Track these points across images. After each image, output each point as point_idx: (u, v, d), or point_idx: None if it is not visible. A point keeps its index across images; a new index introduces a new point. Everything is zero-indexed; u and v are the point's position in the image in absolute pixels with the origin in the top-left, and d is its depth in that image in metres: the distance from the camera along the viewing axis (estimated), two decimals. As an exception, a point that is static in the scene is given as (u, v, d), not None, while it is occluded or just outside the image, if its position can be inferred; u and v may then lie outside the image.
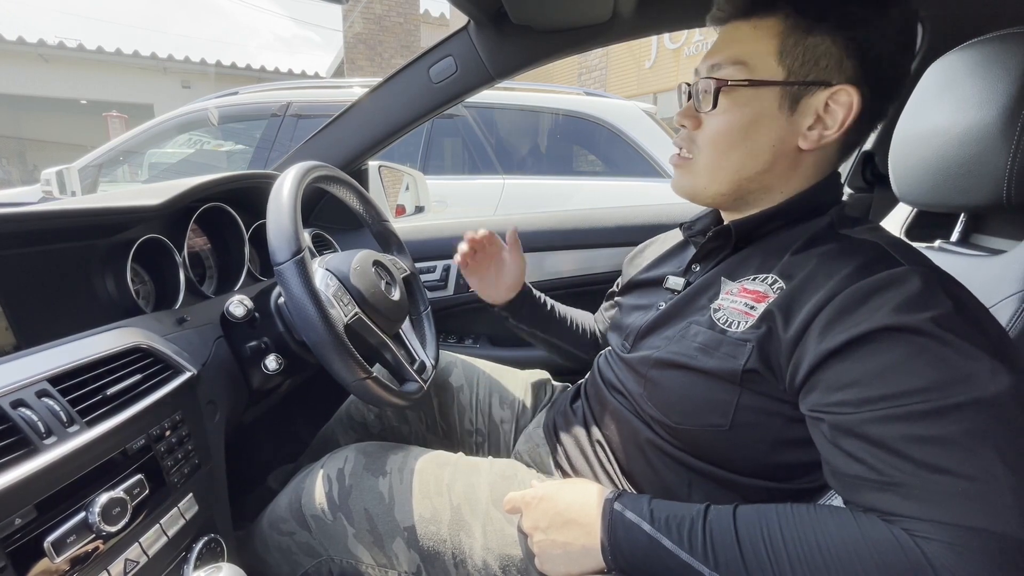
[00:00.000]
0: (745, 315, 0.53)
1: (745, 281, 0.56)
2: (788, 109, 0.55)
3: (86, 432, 0.47)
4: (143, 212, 0.70)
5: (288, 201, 0.65)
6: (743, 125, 0.56)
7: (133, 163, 2.93)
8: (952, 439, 0.39)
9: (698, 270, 0.65)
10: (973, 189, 0.62)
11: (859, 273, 0.47)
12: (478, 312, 1.26)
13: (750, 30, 0.55)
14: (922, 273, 0.46)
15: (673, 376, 0.58)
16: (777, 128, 0.55)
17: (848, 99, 0.52)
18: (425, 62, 0.98)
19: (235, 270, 0.90)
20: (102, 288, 0.67)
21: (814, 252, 0.53)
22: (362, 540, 0.64)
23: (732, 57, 0.56)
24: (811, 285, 0.50)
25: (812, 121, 0.54)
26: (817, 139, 0.55)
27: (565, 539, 0.53)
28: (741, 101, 0.56)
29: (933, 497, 0.39)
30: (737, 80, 0.55)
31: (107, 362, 0.53)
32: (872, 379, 0.43)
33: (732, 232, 0.60)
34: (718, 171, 0.59)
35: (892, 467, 0.41)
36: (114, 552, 0.47)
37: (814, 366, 0.46)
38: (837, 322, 0.45)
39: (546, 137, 2.69)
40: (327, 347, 0.61)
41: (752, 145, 0.56)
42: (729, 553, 0.45)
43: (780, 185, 0.59)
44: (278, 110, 2.48)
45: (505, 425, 0.89)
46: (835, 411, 0.45)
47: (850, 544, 0.41)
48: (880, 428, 0.42)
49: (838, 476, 0.45)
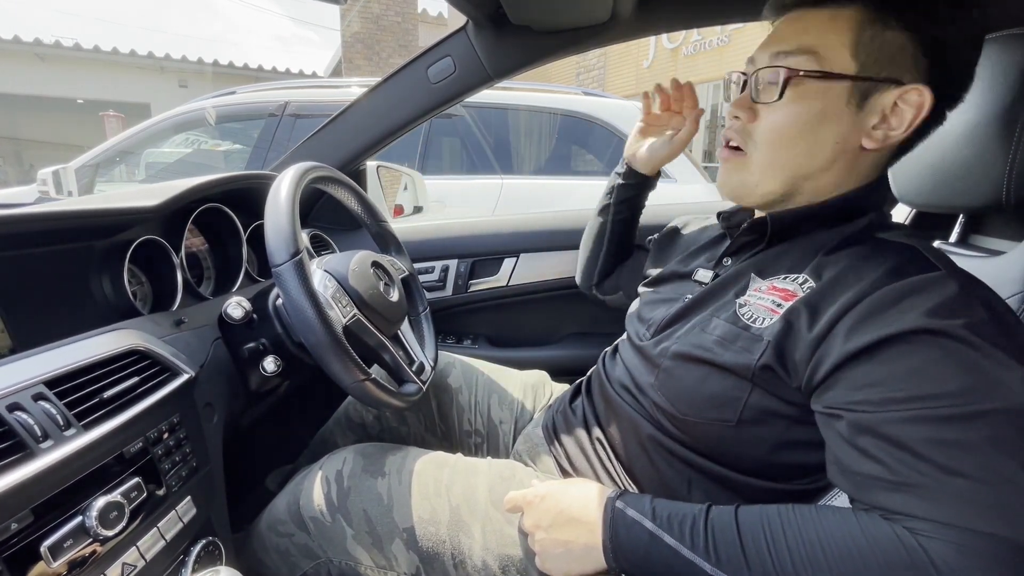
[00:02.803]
0: (771, 312, 0.52)
1: (775, 280, 0.55)
2: (856, 105, 0.52)
3: (83, 435, 0.46)
4: (140, 213, 0.69)
5: (286, 202, 0.64)
6: (809, 119, 0.53)
7: (130, 163, 2.92)
8: (975, 445, 0.39)
9: (729, 264, 0.64)
10: (972, 190, 0.62)
11: (892, 275, 0.47)
12: (477, 312, 1.26)
13: (826, 19, 0.52)
14: (958, 279, 0.45)
15: (688, 369, 0.57)
16: (843, 125, 0.53)
17: (919, 99, 0.51)
18: (423, 62, 0.98)
19: (233, 271, 0.89)
20: (99, 290, 0.66)
21: (846, 253, 0.52)
22: (361, 541, 0.64)
23: (803, 46, 0.53)
24: (841, 284, 0.49)
25: (878, 120, 0.53)
26: (882, 139, 0.53)
27: (567, 537, 0.53)
28: (809, 93, 0.53)
29: (945, 499, 0.39)
30: (809, 70, 0.52)
31: (104, 364, 0.53)
32: (899, 380, 0.43)
33: (768, 225, 0.58)
34: (774, 167, 0.56)
35: (910, 468, 0.40)
36: (111, 556, 0.47)
37: (838, 364, 0.45)
38: (867, 322, 0.45)
39: (544, 137, 2.69)
40: (325, 349, 0.61)
41: (815, 141, 0.54)
42: (731, 549, 0.45)
43: (832, 186, 0.56)
44: (276, 110, 2.47)
45: (504, 426, 0.89)
46: (856, 408, 0.44)
47: (852, 541, 0.41)
48: (902, 429, 0.41)
49: (848, 474, 0.44)
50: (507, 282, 1.23)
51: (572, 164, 2.74)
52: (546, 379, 0.97)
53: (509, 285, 1.23)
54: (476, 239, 1.25)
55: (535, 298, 1.24)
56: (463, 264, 1.22)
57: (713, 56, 7.28)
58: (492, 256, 1.23)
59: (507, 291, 1.23)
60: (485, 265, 1.24)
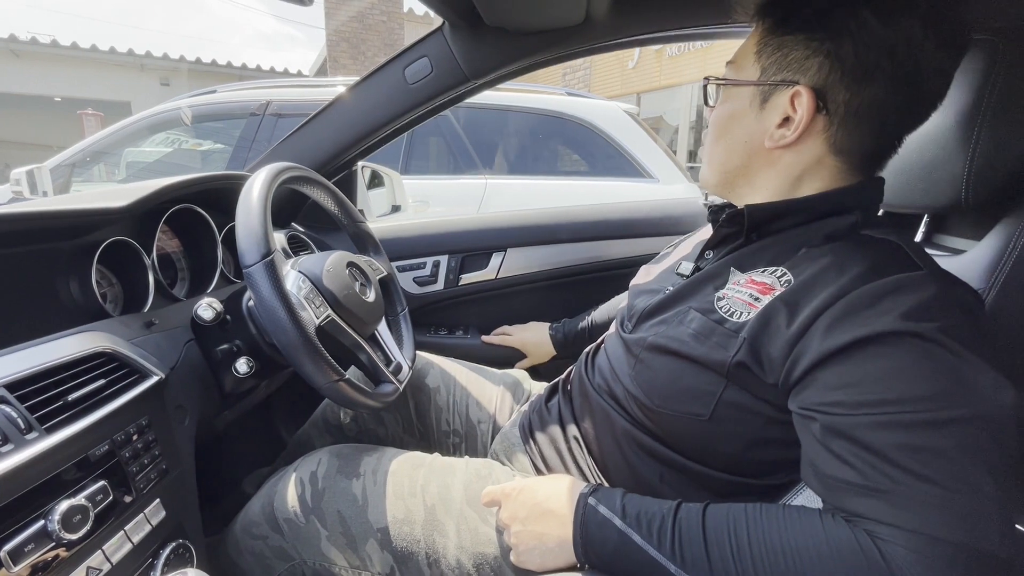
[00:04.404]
0: (749, 306, 0.53)
1: (754, 273, 0.56)
2: (759, 107, 0.56)
3: (45, 439, 0.46)
4: (108, 214, 0.69)
5: (258, 203, 0.64)
6: (725, 120, 0.60)
7: (109, 162, 2.87)
8: (945, 451, 0.39)
9: (711, 257, 0.65)
10: (934, 191, 0.64)
11: (872, 273, 0.47)
12: (468, 304, 1.31)
13: (751, 33, 0.59)
14: (938, 279, 0.46)
15: (663, 361, 0.58)
16: (748, 125, 0.58)
17: (806, 100, 0.53)
18: (400, 63, 0.97)
19: (208, 273, 0.88)
20: (66, 291, 0.65)
21: (829, 248, 0.52)
22: (335, 542, 0.64)
23: (732, 57, 0.61)
24: (821, 280, 0.49)
25: (780, 120, 0.55)
26: (779, 139, 0.55)
27: (541, 530, 0.54)
28: (724, 97, 0.61)
29: (912, 505, 0.39)
30: (718, 78, 0.61)
31: (69, 367, 0.52)
32: (873, 382, 0.43)
33: (745, 217, 0.59)
34: (711, 162, 0.63)
35: (880, 473, 0.41)
36: (76, 560, 0.46)
37: (814, 363, 0.45)
38: (844, 321, 0.45)
39: (529, 137, 2.69)
40: (297, 349, 0.61)
41: (731, 139, 0.60)
42: (696, 551, 0.45)
43: (762, 182, 0.59)
44: (257, 109, 2.45)
45: (482, 425, 0.89)
46: (829, 411, 0.44)
47: (813, 547, 0.42)
48: (875, 433, 0.41)
49: (821, 477, 0.45)
50: (496, 275, 1.29)
51: (556, 164, 2.75)
52: (524, 378, 0.98)
53: (498, 278, 1.29)
54: (465, 235, 1.31)
55: (522, 289, 1.30)
56: (454, 259, 1.28)
57: (697, 57, 7.36)
58: (481, 251, 1.29)
59: (496, 284, 1.29)
60: (475, 259, 1.29)
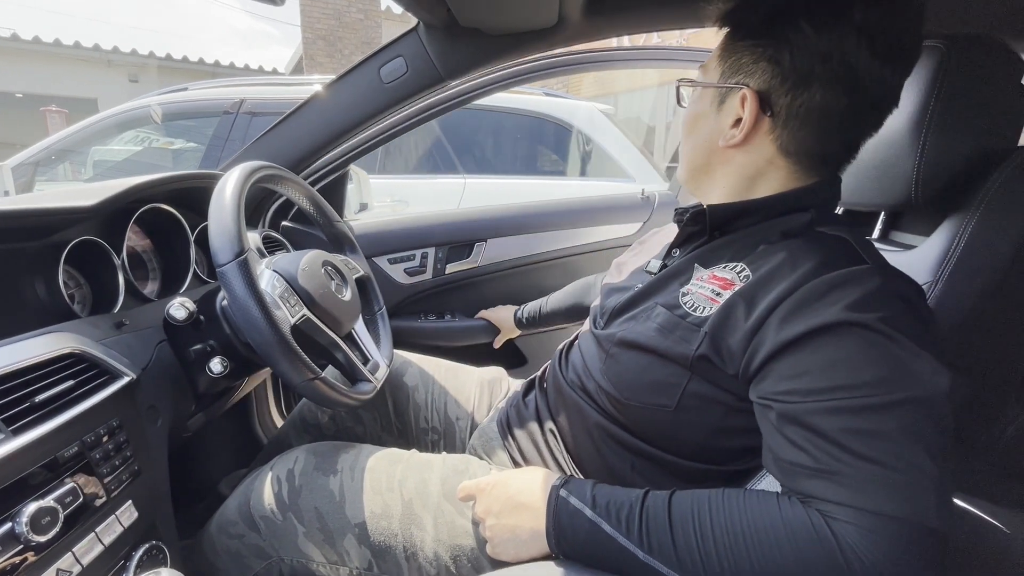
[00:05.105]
0: (711, 301, 0.55)
1: (716, 268, 0.58)
2: (717, 108, 0.59)
3: (11, 441, 0.45)
4: (75, 213, 0.67)
5: (231, 202, 0.64)
6: (691, 119, 0.63)
7: (75, 161, 2.77)
8: (888, 434, 0.42)
9: (677, 255, 0.67)
10: (888, 190, 0.67)
11: (822, 267, 0.50)
12: (454, 291, 1.46)
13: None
14: (881, 273, 0.49)
15: (632, 356, 0.60)
16: (708, 125, 0.61)
17: (750, 102, 0.55)
18: (375, 62, 0.97)
19: (181, 272, 0.87)
20: (32, 293, 0.64)
21: (785, 244, 0.55)
22: (312, 538, 0.64)
23: (704, 62, 0.63)
24: (777, 275, 0.51)
25: (733, 121, 0.58)
26: (731, 138, 0.58)
27: (515, 523, 0.55)
28: (691, 99, 0.64)
29: (859, 485, 0.42)
30: (685, 80, 0.64)
31: (36, 368, 0.52)
32: (821, 371, 0.45)
33: (707, 216, 0.61)
34: (682, 158, 0.66)
35: (829, 456, 0.43)
36: (45, 562, 0.46)
37: (770, 355, 0.48)
38: (797, 313, 0.48)
39: (507, 137, 2.71)
40: (272, 348, 0.61)
41: (696, 137, 0.63)
42: (662, 537, 0.47)
43: (721, 179, 0.62)
44: (231, 107, 2.40)
45: (461, 422, 0.90)
46: (784, 399, 0.47)
47: (771, 528, 0.44)
48: (824, 419, 0.44)
49: (778, 462, 0.47)
50: (478, 263, 1.44)
51: (535, 164, 2.77)
52: (503, 375, 0.99)
53: (480, 266, 1.44)
54: (450, 227, 1.44)
55: (502, 275, 1.47)
56: (440, 250, 1.42)
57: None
58: (465, 242, 1.43)
59: (478, 271, 1.45)
60: (459, 250, 1.44)
